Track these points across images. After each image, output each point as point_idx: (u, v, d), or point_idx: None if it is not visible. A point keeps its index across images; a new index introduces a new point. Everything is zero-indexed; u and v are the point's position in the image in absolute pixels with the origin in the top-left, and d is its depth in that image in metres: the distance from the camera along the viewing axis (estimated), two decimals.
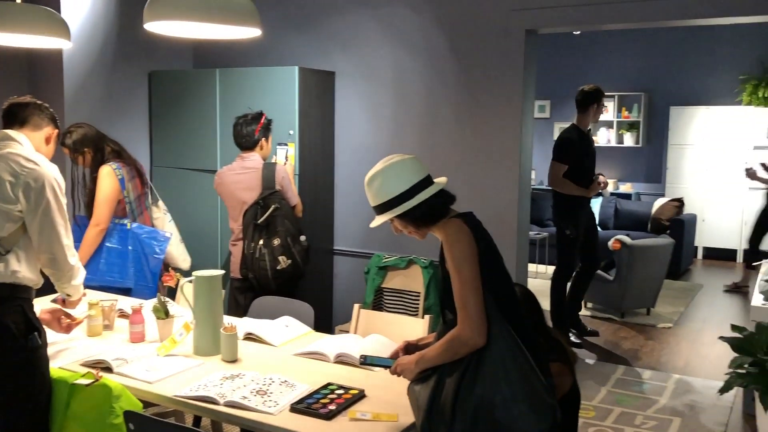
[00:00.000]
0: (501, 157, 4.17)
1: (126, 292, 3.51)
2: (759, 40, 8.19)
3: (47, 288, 2.58)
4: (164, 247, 3.66)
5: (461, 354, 1.90)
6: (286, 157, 4.43)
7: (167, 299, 2.86)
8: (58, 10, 4.22)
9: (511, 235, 4.16)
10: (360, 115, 4.68)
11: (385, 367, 2.19)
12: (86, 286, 2.83)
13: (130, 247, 3.57)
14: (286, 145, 4.45)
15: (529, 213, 4.39)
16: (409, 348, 2.19)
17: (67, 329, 2.68)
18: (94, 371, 2.27)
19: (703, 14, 3.64)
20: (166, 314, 2.75)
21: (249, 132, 3.72)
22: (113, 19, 4.64)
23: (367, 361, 2.23)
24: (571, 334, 5.27)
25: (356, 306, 3.13)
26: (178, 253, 3.80)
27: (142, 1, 2.42)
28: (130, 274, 3.57)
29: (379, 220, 2.05)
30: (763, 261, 4.80)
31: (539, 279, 7.23)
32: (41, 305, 2.67)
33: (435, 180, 2.06)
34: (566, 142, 4.98)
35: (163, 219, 3.82)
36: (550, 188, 5.23)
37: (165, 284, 3.27)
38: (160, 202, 3.85)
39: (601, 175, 5.15)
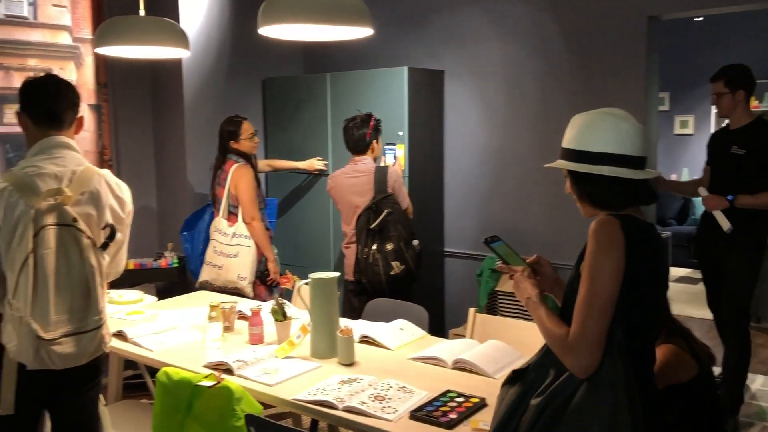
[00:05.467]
0: None
1: None
2: None
3: None
4: None
5: (558, 357, 1.66)
6: (395, 159, 4.40)
7: (284, 301, 2.88)
8: (178, 21, 4.39)
9: None
10: (470, 114, 4.58)
11: (504, 261, 1.84)
12: None
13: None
14: (394, 146, 4.41)
15: (655, 211, 4.13)
16: (544, 270, 1.87)
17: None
18: (216, 373, 2.30)
19: None
20: (284, 316, 2.77)
21: (360, 135, 3.71)
22: (228, 29, 4.78)
23: (491, 244, 1.84)
24: None
25: (471, 310, 3.04)
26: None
27: (256, 11, 2.45)
28: None
29: (557, 164, 1.75)
30: None
31: None
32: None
33: (648, 169, 1.71)
34: None
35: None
36: None
37: (282, 286, 3.31)
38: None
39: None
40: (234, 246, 3.82)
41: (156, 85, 4.72)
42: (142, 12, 3.10)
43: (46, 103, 2.15)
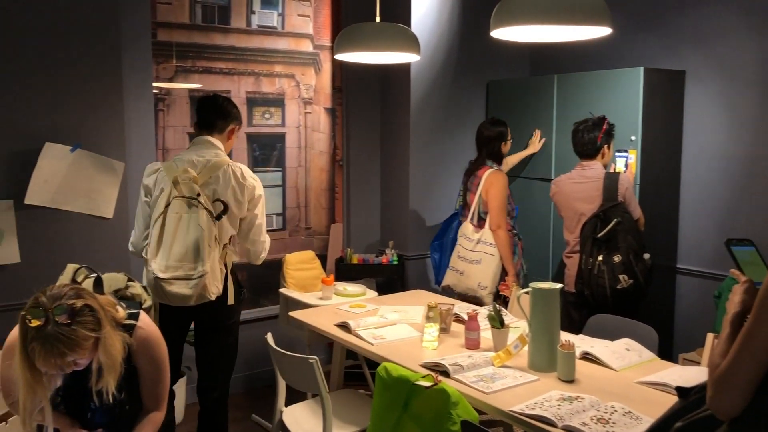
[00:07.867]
0: None
1: None
2: None
3: None
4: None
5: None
6: (626, 166, 4.13)
7: (502, 308, 2.83)
8: (410, 25, 4.53)
9: None
10: (714, 118, 4.15)
11: (738, 268, 1.62)
12: None
13: None
14: (626, 152, 4.14)
15: None
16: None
17: None
18: (433, 374, 2.31)
19: None
20: (501, 324, 2.72)
21: (591, 139, 3.53)
22: (456, 33, 4.83)
23: (734, 246, 1.67)
24: None
25: (710, 335, 2.76)
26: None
27: (485, 15, 2.42)
28: None
29: None
30: None
31: None
32: None
33: None
34: None
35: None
36: None
37: (501, 293, 3.27)
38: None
39: None
40: (477, 252, 3.78)
41: (385, 89, 4.91)
42: (377, 18, 3.22)
43: (203, 114, 3.01)
